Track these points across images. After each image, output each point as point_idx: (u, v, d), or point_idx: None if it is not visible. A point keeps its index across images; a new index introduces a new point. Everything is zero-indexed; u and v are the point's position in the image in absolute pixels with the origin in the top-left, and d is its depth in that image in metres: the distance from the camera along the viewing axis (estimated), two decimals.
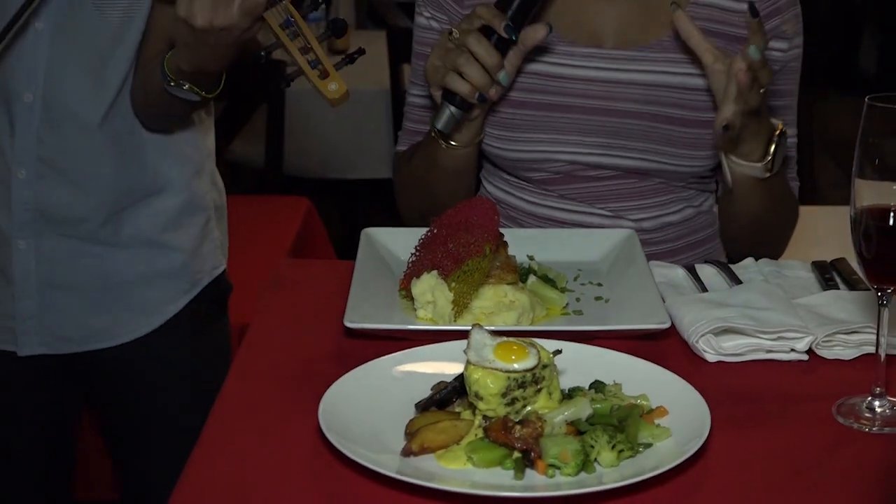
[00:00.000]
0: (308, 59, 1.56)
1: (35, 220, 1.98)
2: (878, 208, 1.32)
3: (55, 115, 1.93)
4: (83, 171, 1.97)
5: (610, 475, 1.20)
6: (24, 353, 2.03)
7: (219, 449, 1.30)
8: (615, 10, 1.85)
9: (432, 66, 1.67)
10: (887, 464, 1.28)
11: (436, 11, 1.91)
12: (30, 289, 2.01)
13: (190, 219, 2.08)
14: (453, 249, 1.57)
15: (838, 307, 1.57)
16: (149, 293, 2.07)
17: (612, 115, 1.81)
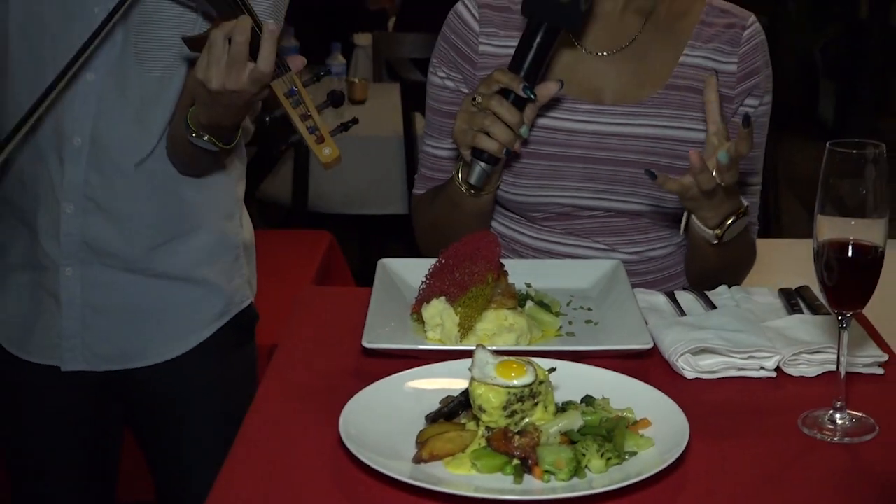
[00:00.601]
0: (307, 125, 1.57)
1: (80, 250, 1.98)
2: (837, 242, 1.33)
3: (100, 157, 1.93)
4: (124, 209, 1.97)
5: (599, 480, 1.20)
6: (66, 369, 2.02)
7: (250, 454, 1.30)
8: (614, 70, 1.86)
9: (460, 130, 1.67)
10: (848, 471, 1.27)
11: (451, 71, 1.91)
12: (75, 311, 2.01)
13: (220, 256, 2.08)
14: (459, 278, 1.57)
15: (803, 329, 1.56)
16: (180, 320, 2.05)
17: (610, 164, 1.82)
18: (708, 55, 1.86)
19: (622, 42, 1.87)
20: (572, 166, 1.83)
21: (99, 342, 2.03)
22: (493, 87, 1.64)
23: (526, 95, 1.63)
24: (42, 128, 1.92)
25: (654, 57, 1.87)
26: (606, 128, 1.84)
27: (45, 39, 1.89)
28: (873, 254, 1.33)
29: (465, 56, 1.90)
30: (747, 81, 1.87)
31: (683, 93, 1.85)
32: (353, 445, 1.23)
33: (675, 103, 1.84)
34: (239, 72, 1.56)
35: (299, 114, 1.57)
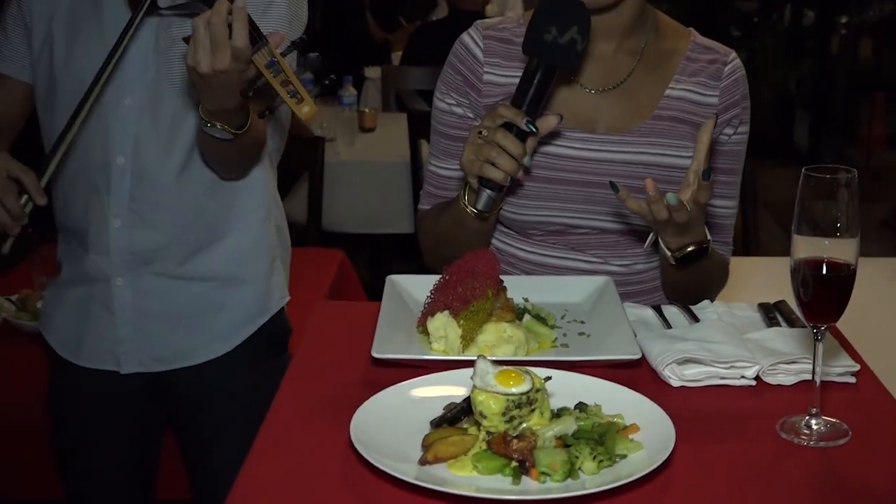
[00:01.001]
0: (287, 90, 1.57)
1: (129, 261, 1.99)
2: (812, 260, 1.33)
3: (142, 173, 1.95)
4: (166, 219, 1.99)
5: (592, 481, 1.19)
6: (125, 371, 2.04)
7: (269, 455, 1.30)
8: (607, 104, 1.86)
9: (468, 160, 1.67)
10: (823, 473, 1.27)
11: (459, 97, 1.92)
12: (127, 318, 2.02)
13: (258, 257, 2.09)
14: (462, 293, 1.57)
15: (780, 341, 1.56)
16: (224, 319, 2.07)
17: (601, 187, 1.81)
18: (692, 88, 1.87)
19: (615, 80, 1.87)
20: (567, 189, 1.84)
21: (151, 345, 2.05)
22: (497, 121, 1.64)
23: (528, 129, 1.63)
24: (89, 151, 1.95)
25: (643, 91, 1.88)
26: (598, 154, 1.84)
27: (86, 75, 1.89)
28: (846, 271, 1.33)
29: (471, 84, 1.90)
30: (727, 113, 1.87)
31: (669, 123, 1.85)
32: (363, 448, 1.23)
33: (661, 132, 1.85)
34: (222, 51, 1.56)
35: (279, 81, 1.57)
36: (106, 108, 1.92)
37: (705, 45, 1.91)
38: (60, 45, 1.96)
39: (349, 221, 4.37)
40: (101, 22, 1.93)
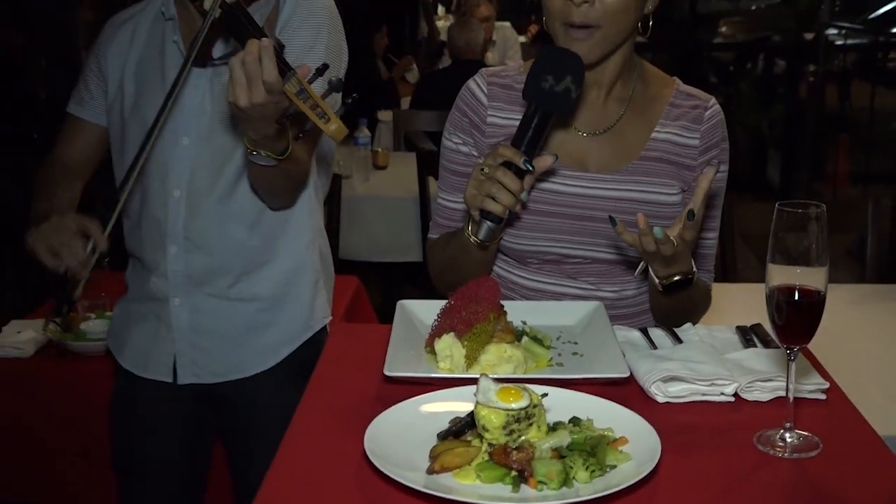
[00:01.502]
0: (316, 112, 1.58)
1: (185, 283, 2.02)
2: (785, 287, 1.33)
3: (195, 205, 1.98)
4: (217, 245, 2.01)
5: (585, 490, 1.19)
6: (181, 382, 2.06)
7: (289, 465, 1.29)
8: (598, 146, 1.87)
9: (471, 195, 1.68)
10: (796, 483, 1.26)
11: (466, 137, 1.92)
12: (184, 334, 2.05)
13: (302, 280, 2.10)
14: (466, 316, 1.56)
15: (756, 361, 1.55)
16: (271, 336, 2.08)
17: (593, 221, 1.82)
18: (675, 131, 1.87)
19: (606, 125, 1.87)
20: (562, 222, 1.84)
21: (206, 359, 2.06)
22: (498, 160, 1.64)
23: (525, 168, 1.63)
24: (150, 185, 1.97)
25: (631, 133, 1.88)
26: (590, 191, 1.84)
27: (150, 120, 1.92)
28: (816, 297, 1.32)
29: (476, 125, 1.91)
30: (707, 154, 1.87)
31: (655, 163, 1.86)
32: (375, 458, 1.23)
33: (648, 172, 1.85)
34: (257, 86, 1.57)
35: (308, 105, 1.58)
36: (165, 148, 1.96)
37: (688, 92, 1.92)
38: (130, 94, 2.02)
39: (363, 250, 4.37)
40: (164, 73, 1.98)
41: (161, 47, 2.00)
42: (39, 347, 2.73)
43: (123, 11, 2.11)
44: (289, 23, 1.92)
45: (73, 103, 2.13)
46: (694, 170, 1.87)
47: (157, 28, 2.03)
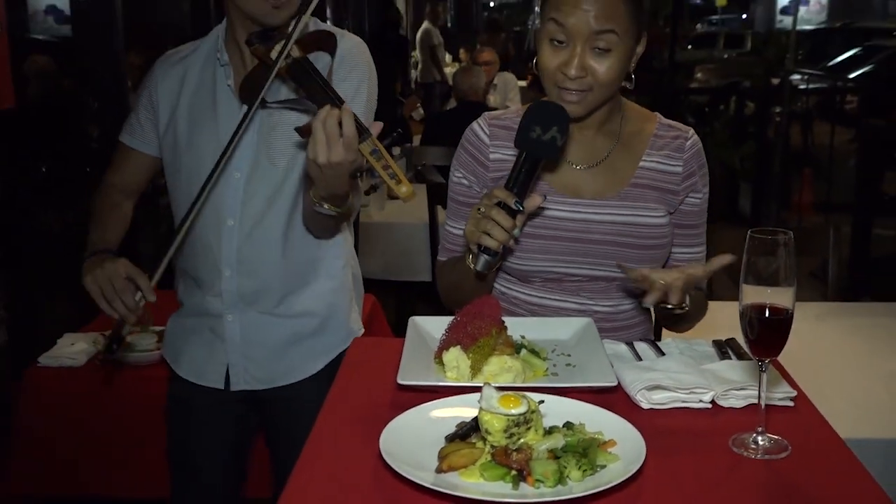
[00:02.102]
0: (388, 172, 1.57)
1: (237, 302, 2.02)
2: (757, 305, 1.33)
3: (247, 232, 1.98)
4: (266, 269, 2.01)
5: (577, 487, 1.18)
6: (234, 389, 2.07)
7: (312, 465, 1.29)
8: (591, 176, 1.87)
9: (470, 231, 1.67)
10: (767, 481, 1.25)
11: (468, 173, 1.93)
12: (236, 346, 2.05)
13: (339, 298, 2.10)
14: (471, 331, 1.56)
15: (731, 371, 1.55)
16: (313, 346, 2.08)
17: (589, 243, 1.82)
18: (660, 160, 1.87)
19: (598, 158, 1.87)
20: (561, 244, 1.84)
21: (256, 368, 2.06)
22: (493, 201, 1.64)
23: (517, 208, 1.63)
24: (207, 214, 1.98)
25: (621, 164, 1.87)
26: (586, 216, 1.84)
27: (203, 152, 1.95)
28: (785, 314, 1.32)
29: (480, 162, 1.91)
30: (689, 180, 1.87)
31: (643, 189, 1.85)
32: (389, 458, 1.22)
33: (636, 197, 1.85)
34: (335, 145, 1.57)
35: (381, 165, 1.57)
36: (219, 180, 1.94)
37: (669, 124, 1.92)
38: (183, 129, 2.02)
39: (379, 271, 4.38)
40: (216, 112, 1.99)
41: (213, 88, 2.00)
42: (90, 358, 2.74)
43: (174, 51, 2.10)
44: (335, 73, 1.91)
45: (124, 133, 2.13)
46: (678, 195, 1.87)
47: (208, 70, 2.02)
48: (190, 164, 1.99)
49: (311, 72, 1.63)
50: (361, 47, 1.98)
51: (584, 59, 1.70)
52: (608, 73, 1.71)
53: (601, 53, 1.70)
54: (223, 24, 2.01)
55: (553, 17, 1.70)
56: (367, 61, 1.97)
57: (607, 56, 1.70)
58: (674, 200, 1.87)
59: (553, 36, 1.71)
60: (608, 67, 1.71)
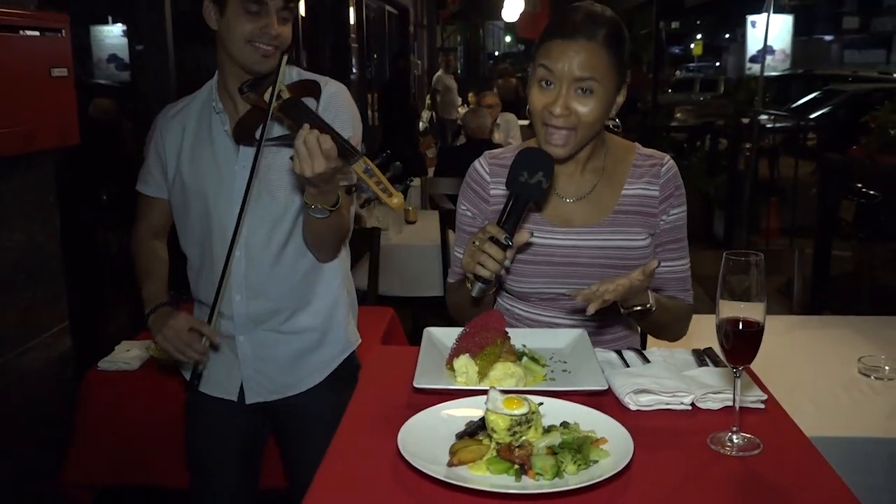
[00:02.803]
0: (380, 187, 1.57)
1: (247, 323, 2.01)
2: (732, 319, 1.32)
3: (253, 261, 1.97)
4: (272, 292, 2.00)
5: (573, 480, 1.18)
6: (249, 402, 2.06)
7: (337, 460, 1.28)
8: (580, 207, 1.86)
9: (466, 262, 1.67)
10: (742, 475, 1.24)
11: (472, 206, 1.93)
12: (248, 362, 2.04)
13: (337, 313, 2.09)
14: (478, 341, 1.56)
15: (709, 377, 1.53)
16: (317, 359, 2.06)
17: (579, 266, 1.82)
18: (641, 186, 1.86)
19: (584, 192, 1.87)
20: (555, 268, 1.83)
21: (268, 381, 2.05)
22: (486, 236, 1.64)
23: (506, 244, 1.63)
24: (216, 248, 1.97)
25: (606, 194, 1.87)
26: (576, 242, 1.83)
27: (206, 191, 1.95)
28: (756, 327, 1.31)
29: (481, 196, 1.91)
30: (666, 202, 1.86)
31: (626, 215, 1.85)
32: (406, 454, 1.22)
33: (620, 223, 1.84)
34: (317, 158, 1.57)
35: (374, 181, 1.57)
36: (225, 216, 1.96)
37: (647, 153, 1.90)
38: (188, 174, 2.00)
39: (397, 287, 4.38)
40: (215, 154, 1.98)
41: (210, 134, 1.98)
42: (143, 363, 2.74)
43: (171, 106, 2.10)
44: (323, 115, 1.91)
45: (140, 184, 2.11)
46: (656, 216, 1.86)
47: (204, 119, 2.01)
48: (196, 205, 1.98)
49: (301, 107, 1.64)
50: (343, 91, 1.97)
51: (568, 100, 1.70)
52: (589, 114, 1.71)
53: (583, 95, 1.70)
54: (214, 78, 2.01)
55: (543, 62, 1.71)
56: (350, 102, 1.97)
57: (589, 98, 1.70)
58: (653, 222, 1.86)
59: (542, 78, 1.72)
60: (590, 109, 1.71)
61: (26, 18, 2.46)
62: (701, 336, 1.81)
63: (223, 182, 1.95)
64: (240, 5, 1.83)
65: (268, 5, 1.83)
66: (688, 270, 1.93)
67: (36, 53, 2.49)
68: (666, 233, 1.88)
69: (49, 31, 2.54)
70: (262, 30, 1.83)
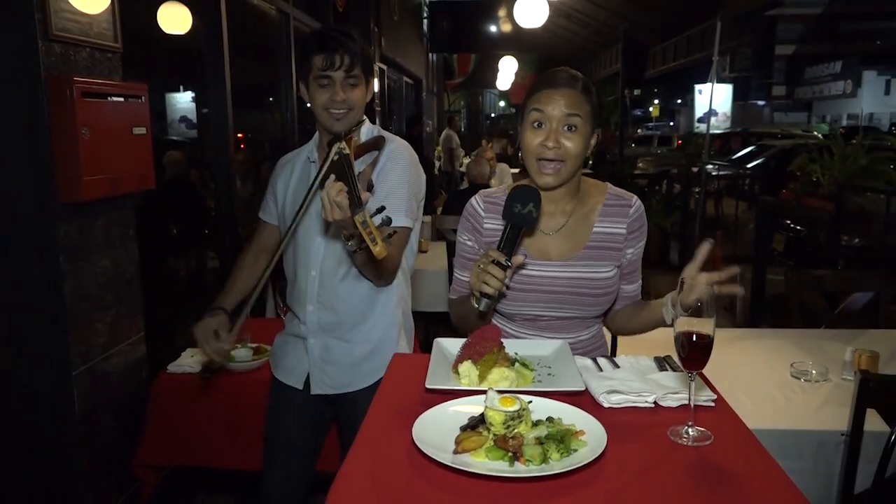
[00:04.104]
0: (371, 237, 1.56)
1: (317, 329, 2.02)
2: (687, 332, 1.31)
3: (324, 280, 1.99)
4: (338, 305, 2.01)
5: (557, 465, 1.16)
6: (314, 392, 2.06)
7: (363, 448, 1.26)
8: (557, 241, 1.84)
9: (473, 281, 1.66)
10: (697, 462, 1.22)
11: (468, 235, 1.91)
12: (315, 362, 2.04)
13: (390, 329, 2.07)
14: (479, 349, 1.54)
15: (668, 380, 1.52)
16: (371, 365, 2.04)
17: (555, 293, 1.80)
18: (610, 224, 1.84)
19: (560, 226, 1.85)
20: (535, 294, 1.81)
21: (330, 378, 2.05)
22: (489, 259, 1.63)
23: (506, 264, 1.62)
24: (299, 267, 2.03)
25: (579, 230, 1.85)
26: (553, 273, 1.81)
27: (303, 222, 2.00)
28: (707, 339, 1.30)
29: (477, 228, 1.89)
30: (630, 237, 1.84)
31: (597, 250, 1.83)
32: (420, 443, 1.20)
33: (592, 257, 1.82)
34: (333, 209, 1.57)
35: (366, 232, 1.56)
36: (308, 244, 2.02)
37: (616, 194, 1.88)
38: (289, 208, 2.07)
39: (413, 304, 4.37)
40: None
41: (307, 180, 2.05)
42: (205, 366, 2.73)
43: (286, 155, 2.18)
44: (383, 169, 1.94)
45: (261, 212, 2.19)
46: (622, 250, 1.84)
47: (305, 166, 2.09)
48: (296, 232, 2.03)
49: (345, 165, 1.63)
50: (404, 148, 2.00)
51: (557, 136, 1.71)
52: (574, 148, 1.72)
53: (570, 131, 1.71)
54: (316, 134, 2.08)
55: (535, 107, 1.72)
56: (405, 157, 1.98)
57: (574, 134, 1.71)
58: (619, 255, 1.84)
59: (535, 120, 1.72)
60: (575, 144, 1.72)
61: (113, 87, 2.48)
62: (661, 346, 1.79)
63: (309, 217, 2.01)
64: (315, 82, 1.91)
65: (332, 78, 1.88)
66: (639, 291, 1.92)
67: (121, 115, 2.51)
68: (631, 263, 1.87)
69: (132, 97, 2.56)
70: (331, 98, 1.90)
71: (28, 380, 2.42)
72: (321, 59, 1.87)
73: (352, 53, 1.90)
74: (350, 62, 1.89)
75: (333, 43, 1.87)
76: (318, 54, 1.88)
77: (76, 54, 2.40)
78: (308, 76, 1.91)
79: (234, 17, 4.10)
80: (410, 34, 11.75)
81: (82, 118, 2.30)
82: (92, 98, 2.35)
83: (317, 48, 1.88)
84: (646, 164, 14.85)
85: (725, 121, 15.57)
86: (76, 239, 2.43)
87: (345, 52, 1.88)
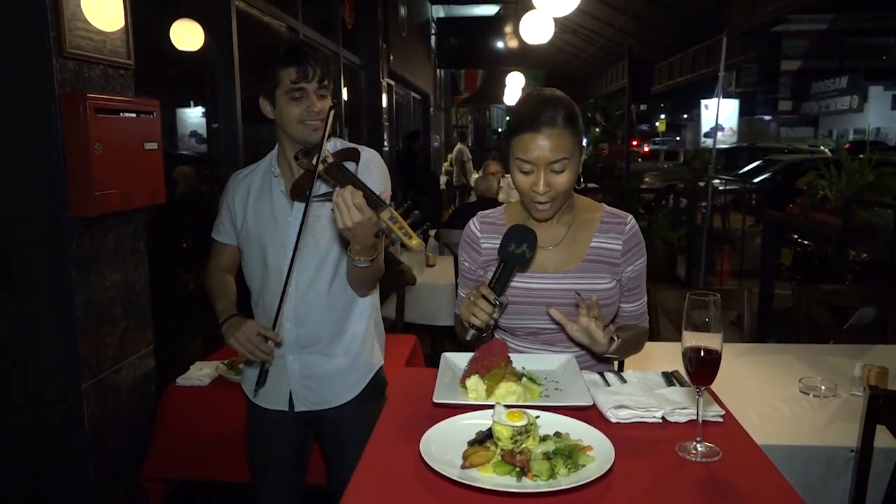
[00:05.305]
0: (402, 232, 1.54)
1: (295, 346, 1.99)
2: (695, 347, 1.30)
3: (302, 295, 1.96)
4: (315, 321, 1.98)
5: (564, 481, 1.16)
6: (297, 410, 2.04)
7: (371, 462, 1.26)
8: (555, 255, 1.83)
9: (463, 312, 1.65)
10: (705, 477, 1.21)
11: (467, 256, 1.92)
12: (296, 378, 2.02)
13: (366, 340, 2.06)
14: (486, 364, 1.54)
15: (676, 395, 1.51)
16: (351, 377, 2.03)
17: (555, 305, 1.79)
18: (606, 240, 1.83)
19: (558, 241, 1.85)
20: (535, 307, 1.80)
21: (310, 395, 2.03)
22: (480, 293, 1.63)
23: (494, 303, 1.61)
24: (272, 284, 1.98)
25: (576, 245, 1.84)
26: (551, 286, 1.80)
27: (263, 238, 1.96)
28: (715, 354, 1.29)
29: (475, 249, 1.90)
30: (626, 255, 1.83)
31: (593, 263, 1.82)
32: (427, 457, 1.20)
33: (589, 269, 1.81)
34: (351, 211, 1.56)
35: (398, 227, 1.54)
36: (280, 259, 1.96)
37: (613, 212, 1.88)
38: (252, 226, 2.02)
39: (420, 317, 4.36)
40: (273, 211, 1.99)
41: (270, 194, 2.01)
42: (212, 380, 2.73)
43: (239, 171, 2.13)
44: (360, 175, 1.92)
45: (214, 232, 2.14)
46: (619, 265, 1.83)
47: (266, 182, 2.04)
48: (257, 249, 2.00)
49: (342, 169, 1.63)
50: (376, 156, 1.99)
51: (546, 178, 1.69)
52: (564, 184, 1.71)
53: (557, 172, 1.70)
54: (275, 150, 2.04)
55: (519, 157, 1.70)
56: (380, 164, 1.98)
57: (563, 173, 1.71)
58: (617, 270, 1.83)
59: (521, 168, 1.71)
60: (564, 181, 1.71)
61: (125, 103, 2.50)
62: (669, 361, 1.78)
63: (278, 231, 1.96)
64: (285, 96, 1.88)
65: (306, 89, 1.87)
66: (645, 305, 1.90)
67: (132, 131, 2.53)
68: (631, 281, 1.85)
69: (143, 113, 2.58)
70: (307, 109, 1.88)
71: (38, 392, 2.42)
72: (294, 71, 1.86)
73: (322, 65, 1.91)
74: (322, 73, 1.90)
75: (305, 56, 1.88)
76: (289, 67, 1.87)
77: (90, 71, 2.42)
78: (274, 91, 1.89)
79: (245, 34, 4.13)
80: (418, 50, 11.82)
81: (95, 134, 2.32)
82: (104, 114, 2.37)
83: (288, 62, 1.87)
84: (653, 179, 14.84)
85: (732, 136, 15.57)
86: (87, 253, 2.45)
87: (316, 64, 1.89)
